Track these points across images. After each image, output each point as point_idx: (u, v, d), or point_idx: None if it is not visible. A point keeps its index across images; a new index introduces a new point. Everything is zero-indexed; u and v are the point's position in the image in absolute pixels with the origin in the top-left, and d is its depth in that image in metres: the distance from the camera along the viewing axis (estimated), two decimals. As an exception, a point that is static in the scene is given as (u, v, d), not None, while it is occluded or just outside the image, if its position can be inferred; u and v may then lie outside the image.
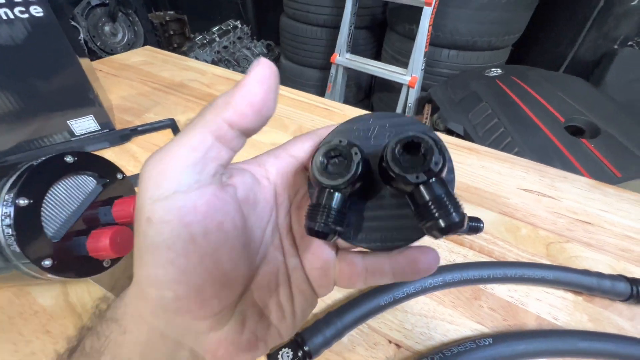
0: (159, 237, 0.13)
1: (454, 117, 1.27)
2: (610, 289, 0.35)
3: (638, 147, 1.03)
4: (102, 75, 0.81)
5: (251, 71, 0.15)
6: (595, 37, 1.50)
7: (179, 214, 0.14)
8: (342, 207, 0.16)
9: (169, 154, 0.14)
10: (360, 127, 0.18)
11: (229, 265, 0.16)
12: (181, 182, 0.14)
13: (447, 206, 0.14)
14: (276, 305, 0.18)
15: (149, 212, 0.13)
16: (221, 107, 0.14)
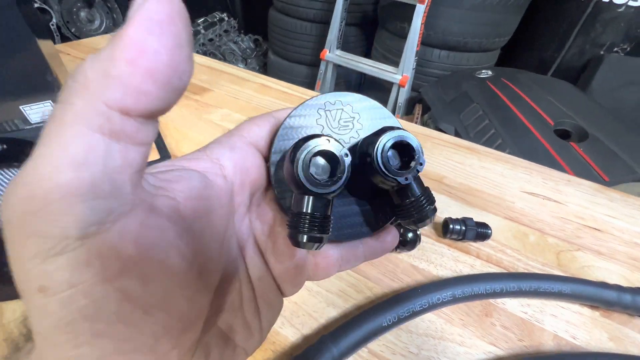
0: (68, 310, 0.09)
1: (445, 118, 1.25)
2: (632, 304, 0.32)
3: (624, 151, 1.04)
4: (69, 59, 0.73)
5: (138, 11, 0.09)
6: (583, 42, 1.52)
7: (95, 270, 0.09)
8: (326, 212, 0.15)
9: (41, 179, 0.08)
10: (325, 109, 0.17)
11: (185, 306, 0.12)
12: (83, 220, 0.09)
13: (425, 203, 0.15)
14: (242, 325, 0.16)
15: (39, 280, 0.09)
16: (99, 84, 0.09)
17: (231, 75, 0.72)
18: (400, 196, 0.15)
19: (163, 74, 0.09)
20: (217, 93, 0.66)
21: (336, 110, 0.17)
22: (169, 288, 0.11)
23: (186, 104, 0.61)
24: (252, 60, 2.39)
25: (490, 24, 1.45)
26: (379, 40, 1.76)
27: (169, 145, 0.51)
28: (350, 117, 0.17)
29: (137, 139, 0.10)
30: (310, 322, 0.30)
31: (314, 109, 0.17)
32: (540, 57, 1.66)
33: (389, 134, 0.15)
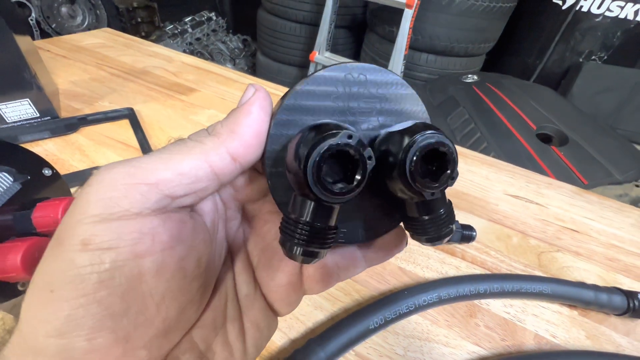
0: (93, 268, 0.10)
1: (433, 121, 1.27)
2: (607, 303, 0.33)
3: (602, 155, 1.08)
4: (49, 56, 0.70)
5: (251, 97, 0.13)
6: (563, 50, 1.58)
7: (132, 241, 0.11)
8: (329, 221, 0.13)
9: (146, 169, 0.11)
10: (341, 85, 0.14)
11: (175, 311, 0.12)
12: (145, 203, 0.11)
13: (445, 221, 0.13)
14: (222, 346, 0.15)
15: (87, 233, 0.10)
16: (226, 136, 0.13)
17: (218, 76, 0.71)
18: (419, 210, 0.13)
19: (263, 135, 0.13)
20: (203, 93, 0.65)
21: (358, 88, 0.14)
22: (172, 287, 0.12)
23: (172, 104, 0.60)
24: (240, 61, 2.37)
25: (476, 29, 1.48)
26: (368, 43, 1.78)
27: (153, 146, 0.49)
28: (374, 98, 0.14)
29: (224, 180, 0.13)
30: (297, 326, 0.30)
31: (331, 84, 0.13)
32: (524, 63, 1.71)
33: (425, 136, 0.12)
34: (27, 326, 0.11)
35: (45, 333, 0.10)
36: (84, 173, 0.43)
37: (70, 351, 0.10)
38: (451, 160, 0.12)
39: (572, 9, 1.50)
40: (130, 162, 0.11)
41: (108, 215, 0.10)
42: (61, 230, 0.11)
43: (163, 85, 0.65)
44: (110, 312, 0.11)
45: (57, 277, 0.10)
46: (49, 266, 0.11)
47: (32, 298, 0.11)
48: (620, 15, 1.44)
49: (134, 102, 0.59)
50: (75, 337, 0.10)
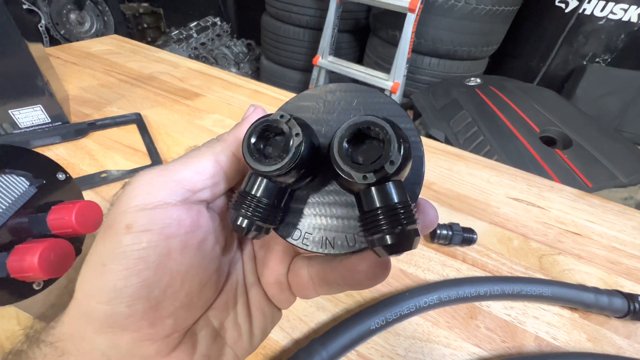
0: (134, 246, 0.13)
1: (436, 124, 1.28)
2: (608, 306, 0.33)
3: (607, 158, 1.08)
4: (59, 62, 0.72)
5: (251, 113, 0.17)
6: (566, 53, 1.58)
7: (163, 225, 0.14)
8: (274, 200, 0.13)
9: (171, 170, 0.14)
10: (324, 99, 0.15)
11: (197, 287, 0.15)
12: (172, 195, 0.14)
13: (396, 219, 0.11)
14: (233, 325, 0.17)
15: (130, 220, 0.13)
16: (231, 142, 0.16)
17: (223, 81, 0.73)
18: (364, 201, 0.12)
19: None
20: (209, 98, 0.66)
21: (337, 101, 0.15)
22: (194, 264, 0.15)
23: (178, 109, 0.61)
24: (244, 65, 2.39)
25: (478, 33, 1.49)
26: (370, 47, 1.79)
27: (160, 150, 0.51)
28: (351, 109, 0.15)
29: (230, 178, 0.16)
30: (300, 326, 0.31)
31: (312, 99, 0.15)
32: (527, 66, 1.71)
33: (355, 118, 0.12)
34: (82, 294, 0.13)
35: (97, 300, 0.13)
36: (93, 177, 0.44)
37: (114, 315, 0.13)
38: (385, 141, 0.11)
39: (575, 11, 1.50)
40: (160, 166, 0.15)
41: (145, 206, 0.13)
42: (110, 218, 0.14)
43: (169, 91, 0.67)
44: (146, 284, 0.13)
45: (108, 254, 0.13)
46: (100, 246, 0.13)
47: (87, 271, 0.13)
48: (623, 18, 1.43)
49: (141, 107, 0.60)
50: (118, 304, 0.13)
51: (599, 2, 1.44)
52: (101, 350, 0.13)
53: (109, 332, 0.13)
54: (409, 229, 0.11)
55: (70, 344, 0.13)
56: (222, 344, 0.17)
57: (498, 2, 1.40)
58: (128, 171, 0.45)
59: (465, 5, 1.39)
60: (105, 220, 0.14)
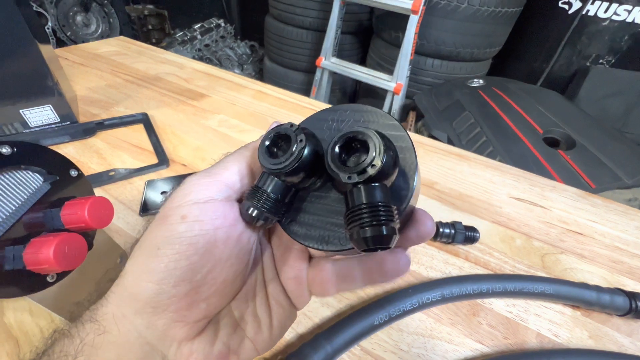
0: (187, 233, 0.15)
1: (438, 125, 1.28)
2: (610, 304, 0.33)
3: (610, 159, 1.07)
4: (67, 64, 0.74)
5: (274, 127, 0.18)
6: (570, 54, 1.57)
7: (212, 216, 0.15)
8: (279, 195, 0.16)
9: (215, 173, 0.17)
10: (335, 119, 0.17)
11: (231, 276, 0.17)
12: (219, 193, 0.16)
13: (373, 216, 0.12)
14: (252, 317, 0.18)
15: (186, 211, 0.15)
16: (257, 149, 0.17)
17: (228, 82, 0.74)
18: (348, 200, 0.14)
19: None
20: (214, 99, 0.67)
21: (345, 120, 0.17)
22: (232, 255, 0.16)
23: (183, 110, 0.62)
24: (248, 66, 2.41)
25: (481, 34, 1.49)
26: (373, 48, 1.80)
27: (166, 149, 0.51)
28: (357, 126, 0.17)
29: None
30: (305, 321, 0.31)
31: (328, 118, 0.17)
32: (530, 68, 1.71)
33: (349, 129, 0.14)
34: (131, 275, 0.15)
35: (147, 279, 0.14)
36: (101, 175, 0.45)
37: (159, 295, 0.14)
38: (369, 147, 0.13)
39: (579, 13, 1.49)
40: (205, 170, 0.17)
41: (197, 200, 0.15)
42: (165, 212, 0.16)
43: (175, 91, 0.68)
44: (192, 267, 0.15)
45: (163, 240, 0.15)
46: (155, 233, 0.15)
47: (141, 255, 0.15)
48: (627, 19, 1.43)
49: (148, 107, 0.61)
50: (166, 284, 0.14)
51: (603, 3, 1.44)
52: (138, 331, 0.15)
53: (149, 312, 0.15)
54: (387, 226, 0.12)
55: (112, 323, 0.15)
56: (242, 335, 0.18)
57: (501, 4, 1.41)
58: (135, 169, 0.46)
59: (468, 6, 1.39)
60: (160, 214, 0.16)
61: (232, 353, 0.17)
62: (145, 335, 0.15)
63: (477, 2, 1.38)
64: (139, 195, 0.43)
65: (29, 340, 0.28)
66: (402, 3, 1.35)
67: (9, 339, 0.27)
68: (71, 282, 0.26)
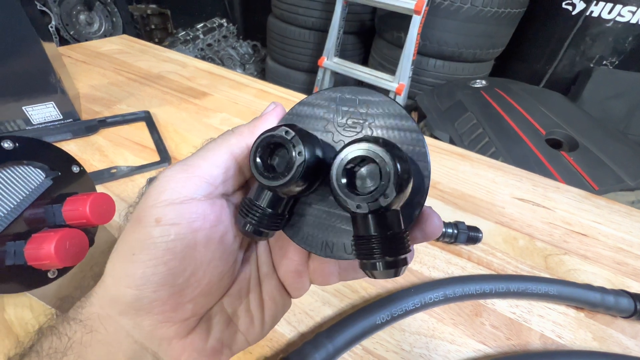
0: (163, 238, 0.14)
1: (440, 126, 1.28)
2: (614, 306, 0.33)
3: (613, 161, 1.07)
4: (70, 62, 0.74)
5: (268, 109, 0.17)
6: (573, 55, 1.57)
7: (190, 219, 0.14)
8: (277, 209, 0.15)
9: (193, 165, 0.15)
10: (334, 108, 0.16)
11: (217, 277, 0.16)
12: (197, 191, 0.15)
13: (387, 248, 0.12)
14: (245, 312, 0.18)
15: (159, 214, 0.14)
16: (246, 134, 0.16)
17: (231, 81, 0.74)
18: (357, 226, 0.13)
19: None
20: (216, 97, 0.67)
21: (349, 107, 0.15)
22: (216, 256, 0.15)
23: (186, 108, 0.62)
24: (250, 66, 2.41)
25: (484, 35, 1.49)
26: (376, 48, 1.80)
27: (168, 147, 0.51)
28: (362, 119, 0.15)
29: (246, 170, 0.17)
30: (306, 320, 0.31)
31: (327, 100, 0.16)
32: (533, 69, 1.70)
33: (355, 146, 0.12)
34: (111, 279, 0.14)
35: (125, 284, 0.14)
36: (103, 172, 0.45)
37: (140, 300, 0.14)
38: (382, 174, 0.11)
39: (582, 14, 1.49)
40: (181, 162, 0.15)
41: (173, 200, 0.14)
42: (139, 212, 0.14)
43: (177, 90, 0.68)
44: (172, 272, 0.14)
45: (137, 245, 0.14)
46: (130, 236, 0.14)
47: (117, 259, 0.15)
48: (631, 20, 1.42)
49: (150, 105, 0.61)
50: (145, 289, 0.14)
51: (607, 5, 1.43)
52: (126, 330, 0.14)
53: (133, 314, 0.14)
54: (398, 259, 0.12)
55: (98, 323, 0.14)
56: (235, 330, 0.17)
57: (504, 5, 1.40)
58: (137, 167, 0.46)
59: (471, 7, 1.39)
60: (135, 214, 0.15)
61: (224, 347, 0.17)
62: (133, 334, 0.15)
63: (480, 2, 1.37)
64: (140, 192, 0.43)
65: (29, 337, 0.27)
66: (404, 3, 1.35)
67: (9, 334, 0.27)
68: (72, 278, 0.26)
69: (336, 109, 0.15)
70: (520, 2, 1.46)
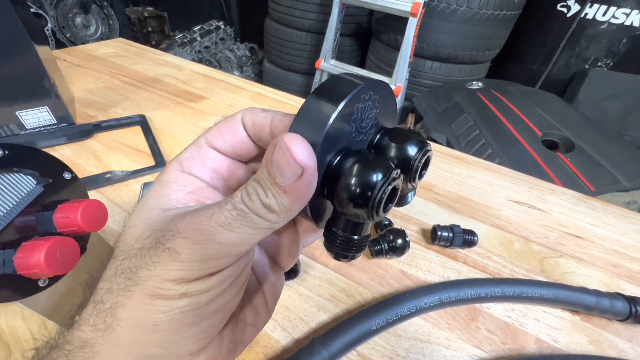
0: (190, 307, 0.13)
1: (437, 127, 1.28)
2: (609, 309, 0.33)
3: (609, 162, 1.07)
4: (65, 65, 0.73)
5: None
6: (568, 57, 1.58)
7: (220, 287, 0.14)
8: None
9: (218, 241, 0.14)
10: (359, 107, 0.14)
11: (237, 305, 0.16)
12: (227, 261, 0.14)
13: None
14: (249, 306, 0.18)
15: (185, 290, 0.13)
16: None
17: (227, 84, 0.74)
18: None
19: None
20: (212, 101, 0.67)
21: (366, 105, 0.14)
22: (237, 299, 0.15)
23: (181, 111, 0.62)
24: (247, 68, 2.41)
25: (480, 37, 1.49)
26: (373, 50, 1.80)
27: (164, 151, 0.51)
28: (373, 115, 0.15)
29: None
30: (301, 326, 0.31)
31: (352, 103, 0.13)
32: (529, 70, 1.71)
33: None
34: (129, 342, 0.13)
35: (150, 346, 0.13)
36: (97, 177, 0.44)
37: (165, 356, 0.13)
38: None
39: (577, 16, 1.50)
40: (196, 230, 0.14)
41: (198, 278, 0.13)
42: (157, 284, 0.12)
43: (173, 93, 0.68)
44: (201, 329, 0.14)
45: (160, 316, 0.13)
46: (147, 306, 0.13)
47: (132, 325, 0.13)
48: (625, 22, 1.43)
49: (146, 109, 0.61)
50: (172, 346, 0.13)
51: (601, 7, 1.45)
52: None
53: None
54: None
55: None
56: (244, 325, 0.17)
57: (500, 7, 1.41)
58: (132, 172, 0.46)
59: (467, 9, 1.40)
60: (147, 284, 0.13)
61: (238, 344, 0.17)
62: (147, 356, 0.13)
63: (475, 5, 1.38)
64: (135, 197, 0.43)
65: (20, 346, 0.27)
66: (401, 6, 1.36)
67: (0, 344, 0.27)
68: (64, 286, 0.26)
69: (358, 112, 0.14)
70: (516, 4, 1.46)
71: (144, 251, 0.13)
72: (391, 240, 0.37)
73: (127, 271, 0.13)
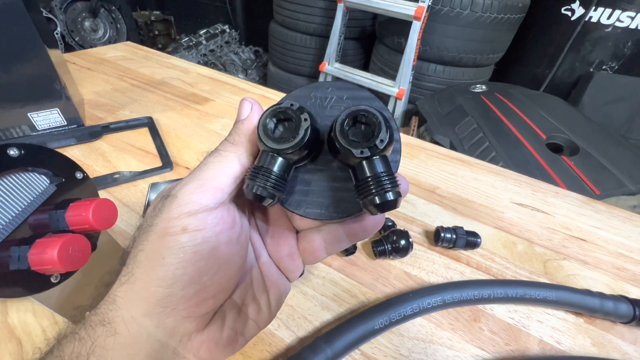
0: (190, 242, 0.16)
1: (441, 130, 1.28)
2: (613, 311, 0.33)
3: (614, 165, 1.07)
4: (75, 68, 0.75)
5: (245, 110, 0.19)
6: (573, 60, 1.57)
7: (212, 224, 0.16)
8: (283, 172, 0.16)
9: (208, 179, 0.17)
10: (317, 95, 0.18)
11: (235, 272, 0.18)
12: (215, 200, 0.17)
13: (384, 184, 0.14)
14: (252, 300, 0.20)
15: (185, 224, 0.16)
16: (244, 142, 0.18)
17: (232, 86, 0.75)
18: (359, 171, 0.15)
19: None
20: (218, 103, 0.68)
21: (328, 97, 0.18)
22: (233, 254, 0.17)
23: (188, 113, 0.63)
24: (252, 71, 2.43)
25: (484, 40, 1.50)
26: (376, 54, 1.81)
27: (170, 152, 0.52)
28: (340, 105, 0.18)
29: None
30: (305, 325, 0.31)
31: (308, 91, 0.18)
32: (533, 74, 1.71)
33: (351, 108, 0.15)
34: (142, 282, 0.16)
35: (156, 285, 0.16)
36: (106, 177, 0.45)
37: (170, 296, 0.16)
38: (375, 124, 0.14)
39: (582, 19, 1.50)
40: (195, 177, 0.17)
41: (195, 211, 0.16)
42: (165, 224, 0.16)
43: (180, 96, 0.69)
44: (199, 272, 0.16)
45: (167, 251, 0.16)
46: (159, 244, 0.16)
47: (147, 264, 0.16)
48: (630, 25, 1.43)
49: (153, 111, 0.62)
50: (175, 287, 0.16)
51: (606, 10, 1.44)
52: (148, 332, 0.16)
53: (158, 312, 0.16)
54: (394, 191, 0.14)
55: (122, 325, 0.15)
56: (246, 318, 0.19)
57: (504, 10, 1.41)
58: (139, 172, 0.47)
59: (471, 13, 1.40)
60: (160, 226, 0.16)
61: (238, 335, 0.18)
62: (155, 334, 0.16)
63: (479, 8, 1.39)
64: (142, 197, 0.44)
65: (31, 341, 0.28)
66: (404, 9, 1.37)
67: (12, 339, 0.28)
68: (74, 282, 0.27)
69: (319, 97, 0.18)
70: (520, 7, 1.47)
71: (155, 209, 0.17)
72: (394, 241, 0.37)
73: (146, 227, 0.17)
